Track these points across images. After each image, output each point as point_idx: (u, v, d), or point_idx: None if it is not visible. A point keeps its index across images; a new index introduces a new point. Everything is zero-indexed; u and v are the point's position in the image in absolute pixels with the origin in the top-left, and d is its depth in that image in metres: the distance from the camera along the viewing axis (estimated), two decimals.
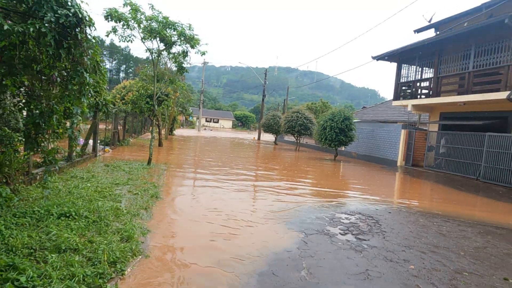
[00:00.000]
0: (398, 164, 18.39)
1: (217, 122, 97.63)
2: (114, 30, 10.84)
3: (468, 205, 9.42)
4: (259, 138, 40.49)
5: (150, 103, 16.30)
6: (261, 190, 9.08)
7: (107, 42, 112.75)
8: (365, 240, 5.14)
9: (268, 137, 43.60)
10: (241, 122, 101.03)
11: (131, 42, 10.86)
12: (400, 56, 18.97)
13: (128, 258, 3.78)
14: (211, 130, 66.83)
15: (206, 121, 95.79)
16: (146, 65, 11.44)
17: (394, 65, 19.91)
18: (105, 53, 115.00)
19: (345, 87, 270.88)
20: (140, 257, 3.93)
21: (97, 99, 5.89)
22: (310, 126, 25.16)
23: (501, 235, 6.06)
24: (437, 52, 16.68)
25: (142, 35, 11.00)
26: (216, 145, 26.04)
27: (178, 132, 41.29)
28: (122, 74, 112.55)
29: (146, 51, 11.65)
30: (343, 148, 22.68)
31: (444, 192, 11.31)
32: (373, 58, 20.17)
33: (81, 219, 4.71)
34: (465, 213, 8.00)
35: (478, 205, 9.58)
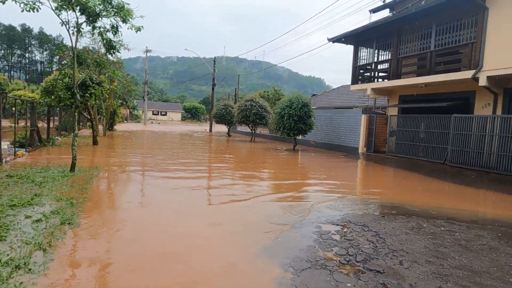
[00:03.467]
0: (360, 151, 17.55)
1: (165, 114, 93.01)
2: None
3: (454, 196, 8.43)
4: (211, 130, 38.28)
5: (92, 92, 13.46)
6: (219, 196, 7.24)
7: (35, 29, 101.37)
8: (379, 272, 3.56)
9: (221, 128, 41.53)
10: (191, 114, 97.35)
11: (37, 11, 8.21)
12: (357, 38, 17.97)
13: None
14: (159, 123, 62.90)
15: (153, 114, 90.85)
16: (65, 45, 8.81)
17: (340, 51, 18.98)
18: (33, 42, 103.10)
19: (293, 76, 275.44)
20: None
21: None
22: (266, 114, 23.62)
23: None
24: (395, 32, 15.85)
25: (54, 3, 8.41)
26: (163, 140, 23.47)
27: (120, 127, 37.58)
28: (55, 67, 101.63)
29: (62, 25, 9.04)
30: (301, 137, 21.49)
31: (419, 180, 10.36)
32: (329, 40, 19.00)
33: None
34: (461, 209, 6.89)
35: (464, 195, 8.60)
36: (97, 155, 12.87)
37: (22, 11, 8.38)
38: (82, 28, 9.11)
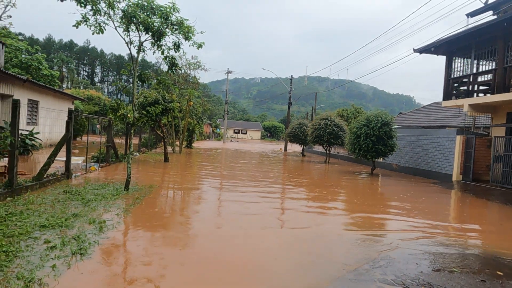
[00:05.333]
0: (454, 178, 14.72)
1: (246, 133, 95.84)
2: (85, 19, 8.54)
3: None
4: (285, 149, 37.52)
5: (150, 110, 13.98)
6: (271, 235, 6.19)
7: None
8: None
9: (296, 147, 40.50)
10: (270, 133, 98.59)
11: (102, 32, 8.48)
12: (450, 46, 15.49)
13: None
14: (237, 141, 64.60)
15: (234, 132, 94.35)
16: (130, 64, 8.81)
17: (436, 62, 16.45)
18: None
19: (378, 95, 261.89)
20: None
21: None
22: (341, 134, 21.89)
23: None
24: (501, 37, 13.12)
25: (117, 23, 8.64)
26: (236, 158, 23.38)
27: (200, 144, 39.26)
28: (116, 86, 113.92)
29: (128, 45, 9.25)
30: (381, 160, 19.22)
31: None
32: (416, 50, 16.79)
33: None
34: None
35: None
36: (162, 172, 12.96)
37: (93, 33, 8.74)
38: (145, 47, 9.23)
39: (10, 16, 8.20)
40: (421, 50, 16.60)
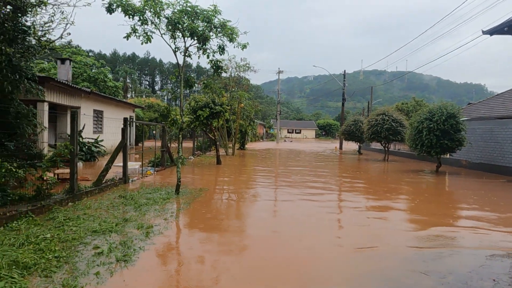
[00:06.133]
0: None
1: (299, 132, 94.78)
2: (134, 30, 8.87)
3: None
4: (341, 147, 36.22)
5: (199, 114, 14.27)
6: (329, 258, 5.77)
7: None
8: None
9: (352, 145, 38.84)
10: (325, 131, 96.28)
11: (149, 41, 8.73)
12: None
13: None
14: (291, 141, 63.98)
15: (288, 132, 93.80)
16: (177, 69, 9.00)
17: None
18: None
19: (443, 85, 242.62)
20: None
21: None
22: (401, 129, 20.39)
23: None
24: None
25: (163, 31, 8.85)
26: (289, 159, 22.99)
27: (253, 145, 39.54)
28: (166, 92, 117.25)
29: (174, 51, 9.43)
30: (447, 155, 17.50)
31: None
32: (485, 32, 15.00)
33: None
34: None
35: None
36: (213, 175, 13.09)
37: (142, 43, 9.06)
38: (190, 52, 9.34)
39: (69, 34, 8.98)
40: (492, 31, 14.77)
